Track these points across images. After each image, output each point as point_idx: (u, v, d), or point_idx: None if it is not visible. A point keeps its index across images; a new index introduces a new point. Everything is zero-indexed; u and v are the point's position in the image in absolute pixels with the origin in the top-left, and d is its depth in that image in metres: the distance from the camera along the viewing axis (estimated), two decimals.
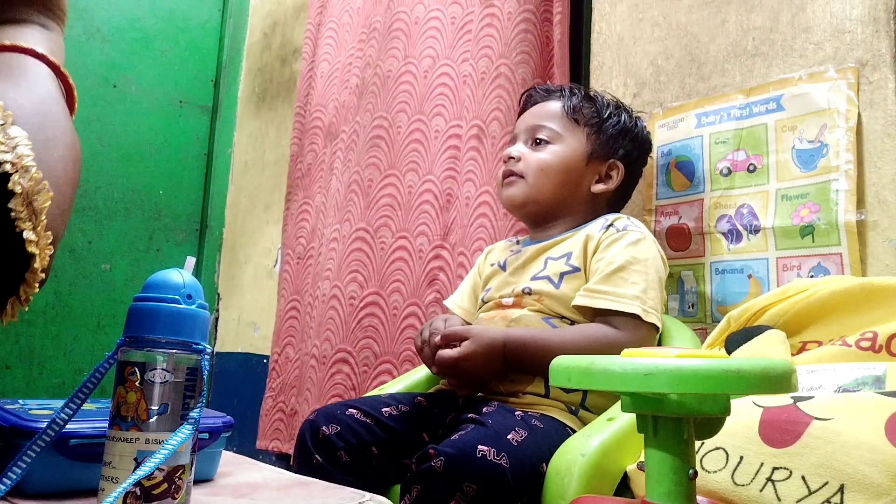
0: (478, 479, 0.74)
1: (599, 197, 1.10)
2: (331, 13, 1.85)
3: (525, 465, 0.79)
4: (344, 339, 1.53)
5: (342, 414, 0.96)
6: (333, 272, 1.58)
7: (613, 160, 1.10)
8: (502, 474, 0.75)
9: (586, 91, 1.15)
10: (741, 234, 1.09)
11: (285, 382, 1.73)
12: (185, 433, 0.54)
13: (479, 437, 0.78)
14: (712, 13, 1.19)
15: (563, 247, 1.05)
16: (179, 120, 2.40)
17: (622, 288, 0.95)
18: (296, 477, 0.74)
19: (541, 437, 0.84)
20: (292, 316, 1.76)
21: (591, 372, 0.52)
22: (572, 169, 1.08)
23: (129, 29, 2.29)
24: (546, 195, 1.08)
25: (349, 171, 1.61)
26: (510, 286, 1.07)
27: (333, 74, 1.79)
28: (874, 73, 0.99)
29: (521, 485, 0.77)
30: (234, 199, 2.44)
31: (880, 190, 0.97)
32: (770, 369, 0.49)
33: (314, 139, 1.81)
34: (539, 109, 1.14)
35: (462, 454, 0.76)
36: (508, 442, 0.79)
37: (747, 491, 0.66)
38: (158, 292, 0.56)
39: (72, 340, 2.14)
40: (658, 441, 0.54)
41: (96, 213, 2.21)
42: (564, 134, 1.09)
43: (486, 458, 0.75)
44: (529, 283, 1.04)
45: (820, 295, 0.88)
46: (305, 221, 1.79)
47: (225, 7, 2.53)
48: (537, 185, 1.07)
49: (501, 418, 0.85)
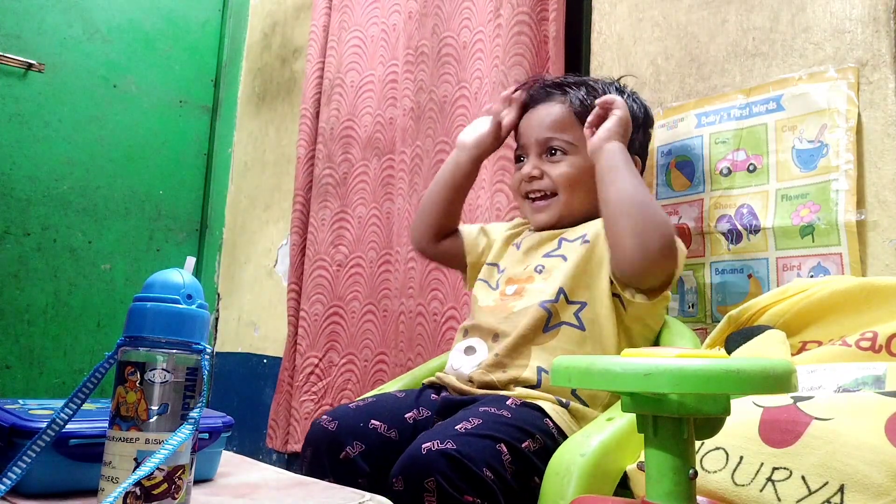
0: (432, 472, 0.74)
1: None
2: (354, 21, 1.85)
3: (475, 443, 0.77)
4: (433, 353, 1.53)
5: (366, 427, 0.90)
6: (416, 290, 1.59)
7: (631, 156, 1.03)
8: (451, 457, 0.74)
9: (585, 81, 1.10)
10: (741, 234, 1.09)
11: (331, 385, 1.75)
12: (185, 433, 0.54)
13: (425, 438, 0.78)
14: (712, 13, 1.19)
15: (578, 231, 1.04)
16: (179, 120, 2.40)
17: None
18: (296, 477, 0.74)
19: (499, 421, 0.83)
20: (335, 321, 1.78)
21: (591, 372, 0.52)
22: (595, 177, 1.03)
23: (129, 29, 2.29)
24: (578, 210, 1.05)
25: (417, 194, 1.63)
26: (523, 265, 1.06)
27: (366, 87, 1.80)
28: (874, 73, 0.99)
29: (480, 462, 0.76)
30: (234, 199, 2.44)
31: (880, 190, 0.97)
32: (770, 369, 0.49)
33: (348, 149, 1.82)
34: (544, 116, 1.08)
35: (409, 461, 0.76)
36: (455, 430, 0.79)
37: (747, 491, 0.66)
38: (158, 292, 0.56)
39: (72, 340, 2.14)
40: (658, 441, 0.54)
41: (96, 213, 2.21)
42: (579, 143, 1.04)
43: (431, 449, 0.75)
44: (542, 261, 1.03)
45: (820, 295, 0.88)
46: (346, 231, 1.80)
47: (225, 7, 2.53)
48: (571, 202, 1.05)
49: (463, 413, 0.85)
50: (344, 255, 1.79)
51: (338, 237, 1.81)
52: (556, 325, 0.98)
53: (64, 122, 2.15)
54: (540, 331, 0.97)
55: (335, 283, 1.80)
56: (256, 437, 2.01)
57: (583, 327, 0.97)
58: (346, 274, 1.77)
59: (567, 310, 0.98)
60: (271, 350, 2.09)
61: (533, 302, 0.99)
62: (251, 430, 2.04)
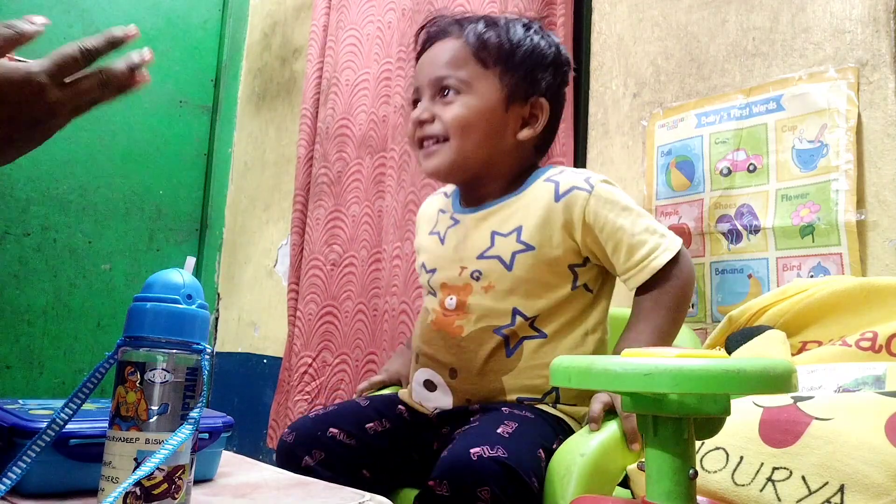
0: (486, 481, 0.71)
1: (526, 143, 0.97)
2: (350, 20, 1.85)
3: (524, 451, 0.76)
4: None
5: (324, 436, 0.90)
6: (400, 288, 1.59)
7: (535, 98, 0.96)
8: (505, 465, 0.72)
9: (486, 16, 1.01)
10: (741, 234, 1.09)
11: (324, 385, 1.75)
12: (185, 433, 0.54)
13: (468, 442, 0.75)
14: (712, 13, 1.19)
15: (509, 218, 0.94)
16: (179, 120, 2.40)
17: (649, 240, 0.88)
18: (296, 477, 0.74)
19: (531, 425, 0.82)
20: (328, 321, 1.77)
21: (591, 372, 0.52)
22: (492, 120, 0.94)
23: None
24: (473, 156, 0.94)
25: (404, 192, 1.63)
26: (455, 266, 0.96)
27: (361, 85, 1.80)
28: (874, 73, 0.99)
29: (529, 471, 0.75)
30: (234, 199, 2.44)
31: (880, 190, 0.97)
32: (770, 369, 0.49)
33: (343, 147, 1.82)
34: (438, 53, 0.98)
35: (458, 465, 0.73)
36: (499, 435, 0.76)
37: (747, 491, 0.66)
38: (158, 292, 0.56)
39: (72, 340, 2.14)
40: (658, 441, 0.54)
41: (96, 213, 2.21)
42: (474, 81, 0.94)
43: (483, 456, 0.73)
44: (477, 265, 0.94)
45: (820, 295, 0.88)
46: (340, 230, 1.79)
47: (225, 7, 2.53)
48: (463, 147, 0.93)
49: (489, 419, 0.83)
50: (338, 255, 1.78)
51: (332, 236, 1.80)
52: (517, 344, 0.91)
53: None
54: (503, 358, 0.91)
55: (329, 282, 1.79)
56: (256, 437, 2.01)
57: (544, 335, 0.91)
58: (340, 273, 1.77)
59: (524, 326, 0.91)
60: (271, 350, 2.09)
61: (482, 326, 0.92)
62: (251, 430, 2.04)
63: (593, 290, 0.94)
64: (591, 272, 0.94)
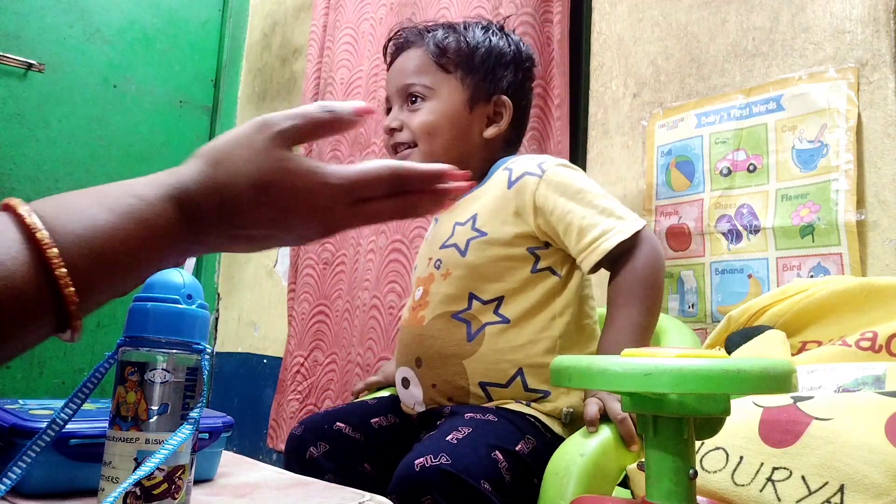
0: (429, 490, 0.71)
1: (494, 140, 1.01)
2: (347, 18, 1.85)
3: (471, 456, 0.75)
4: (385, 348, 1.55)
5: (330, 429, 0.92)
6: (372, 283, 1.60)
7: (497, 96, 1.00)
8: (447, 473, 0.71)
9: (446, 23, 1.06)
10: (741, 234, 1.09)
11: (315, 385, 1.75)
12: (185, 433, 0.54)
13: (417, 454, 0.75)
14: (712, 13, 1.19)
15: (469, 208, 0.98)
16: (179, 120, 2.40)
17: (602, 223, 0.88)
18: (296, 477, 0.74)
19: (489, 427, 0.81)
20: (320, 320, 1.77)
21: (591, 372, 0.52)
22: (457, 122, 0.98)
23: (129, 29, 2.29)
24: (443, 158, 0.94)
25: None
26: (426, 260, 1.01)
27: (356, 83, 1.80)
28: (874, 73, 0.99)
29: (478, 475, 0.74)
30: None
31: (880, 190, 0.97)
32: (770, 369, 0.49)
33: (337, 146, 1.82)
34: (403, 63, 1.03)
35: (403, 479, 0.73)
36: (447, 443, 0.76)
37: (747, 491, 0.66)
38: (158, 292, 0.56)
39: None
40: (658, 441, 0.54)
41: None
42: (437, 86, 0.99)
43: (425, 466, 0.72)
44: (439, 254, 0.98)
45: (820, 295, 0.88)
46: None
47: (225, 7, 2.52)
48: (430, 150, 0.98)
49: (445, 426, 0.82)
50: (330, 253, 1.78)
51: None
52: (479, 329, 0.92)
53: (64, 122, 2.15)
54: (464, 342, 0.92)
55: (321, 281, 1.79)
56: (256, 437, 2.01)
57: (507, 320, 0.91)
58: (332, 272, 1.76)
59: (485, 310, 0.92)
60: (271, 350, 2.09)
61: (441, 311, 0.94)
62: (251, 430, 2.04)
63: (560, 274, 0.94)
64: (556, 255, 0.94)
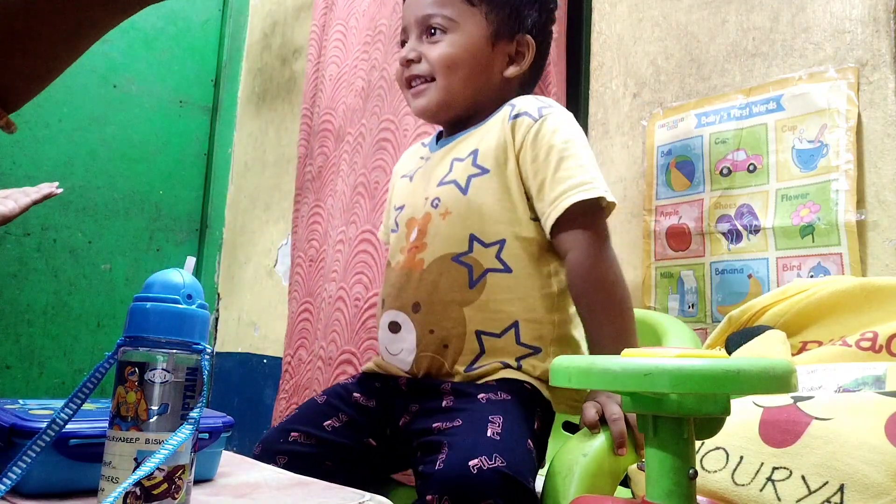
0: (489, 494, 0.70)
1: (512, 80, 0.98)
2: (338, 15, 1.84)
3: (518, 453, 0.75)
4: (349, 341, 1.54)
5: (285, 443, 0.92)
6: (339, 274, 1.58)
7: (521, 35, 0.96)
8: (506, 476, 0.71)
9: None
10: (741, 234, 1.09)
11: (298, 384, 1.74)
12: (185, 433, 0.54)
13: (465, 454, 0.72)
14: (712, 13, 1.19)
15: (468, 143, 0.94)
16: (179, 120, 2.40)
17: (571, 179, 0.86)
18: (296, 477, 0.74)
19: (515, 413, 0.80)
20: (305, 318, 1.76)
21: (591, 372, 0.52)
22: (478, 57, 0.94)
23: (129, 29, 2.29)
24: (460, 94, 0.95)
25: (355, 174, 1.61)
26: (420, 198, 0.96)
27: (342, 77, 1.79)
28: (874, 73, 0.99)
29: (526, 473, 0.74)
30: (234, 199, 2.44)
31: (880, 190, 0.97)
32: (770, 369, 0.49)
33: (324, 142, 1.81)
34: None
35: (459, 480, 0.71)
36: (491, 440, 0.74)
37: (747, 491, 0.66)
38: (158, 292, 0.56)
39: (72, 340, 2.14)
40: (658, 441, 0.54)
41: (96, 213, 2.21)
42: (460, 19, 0.94)
43: (483, 469, 0.70)
44: (437, 192, 0.93)
45: (820, 295, 0.88)
46: (318, 224, 1.78)
47: (225, 7, 2.53)
48: (450, 85, 0.94)
49: (471, 417, 0.79)
50: (315, 250, 1.77)
51: (311, 232, 1.79)
52: (481, 276, 0.88)
53: (64, 122, 2.15)
54: (466, 289, 0.88)
55: (307, 278, 1.77)
56: (256, 437, 2.00)
57: (509, 269, 0.89)
58: (317, 269, 1.75)
59: (486, 255, 0.89)
60: (271, 350, 2.09)
61: (442, 254, 0.90)
62: (251, 430, 2.04)
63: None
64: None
